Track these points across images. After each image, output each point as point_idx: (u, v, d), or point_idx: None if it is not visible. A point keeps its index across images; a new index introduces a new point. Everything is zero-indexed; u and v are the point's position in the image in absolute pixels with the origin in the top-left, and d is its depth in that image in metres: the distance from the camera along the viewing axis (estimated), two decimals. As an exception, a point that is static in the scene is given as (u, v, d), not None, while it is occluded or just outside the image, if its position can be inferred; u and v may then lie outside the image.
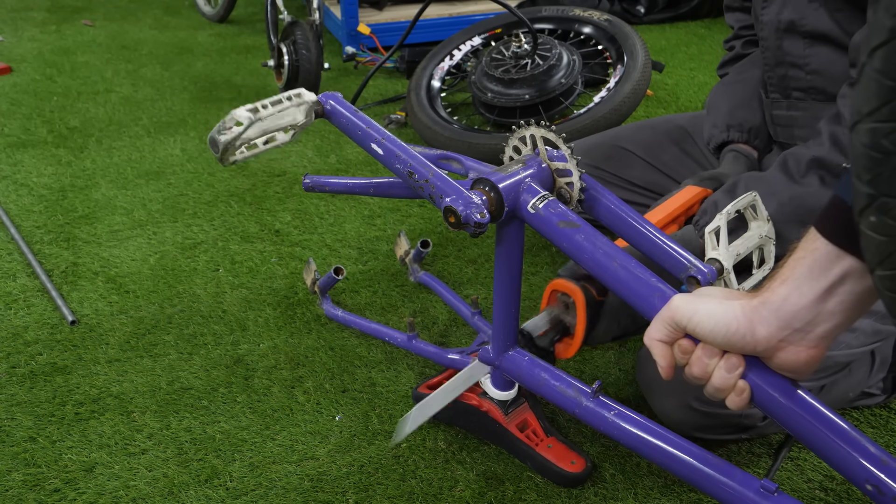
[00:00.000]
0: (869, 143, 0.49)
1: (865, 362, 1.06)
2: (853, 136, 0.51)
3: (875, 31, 0.48)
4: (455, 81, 2.21)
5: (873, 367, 1.07)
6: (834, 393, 1.03)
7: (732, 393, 0.66)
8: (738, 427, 1.00)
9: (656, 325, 0.68)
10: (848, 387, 1.05)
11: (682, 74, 2.43)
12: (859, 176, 0.51)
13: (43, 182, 1.80)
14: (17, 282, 1.43)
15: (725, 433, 1.01)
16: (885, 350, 1.09)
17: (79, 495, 1.00)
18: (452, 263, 1.49)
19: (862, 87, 0.50)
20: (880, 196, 0.50)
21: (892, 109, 0.47)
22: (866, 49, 0.49)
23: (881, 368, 1.08)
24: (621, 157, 1.28)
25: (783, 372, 0.64)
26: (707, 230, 0.78)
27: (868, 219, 0.51)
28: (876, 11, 0.48)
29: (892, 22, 0.46)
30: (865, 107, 0.49)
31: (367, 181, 1.08)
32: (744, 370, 0.65)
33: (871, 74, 0.48)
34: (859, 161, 0.51)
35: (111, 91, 2.36)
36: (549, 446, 1.01)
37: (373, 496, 0.99)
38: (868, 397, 1.11)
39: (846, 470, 0.64)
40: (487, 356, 1.01)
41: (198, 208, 1.69)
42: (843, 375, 1.02)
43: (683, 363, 0.68)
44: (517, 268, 0.92)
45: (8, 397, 1.16)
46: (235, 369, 1.21)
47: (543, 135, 0.85)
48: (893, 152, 0.48)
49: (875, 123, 0.49)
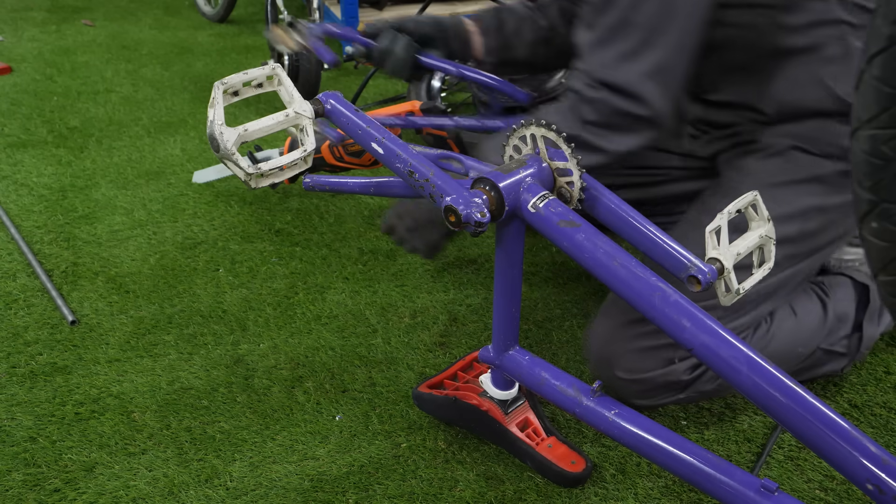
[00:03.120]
0: (869, 150, 0.49)
1: (812, 312, 1.10)
2: (853, 143, 0.51)
3: (873, 39, 0.48)
4: (455, 81, 2.21)
5: (826, 320, 1.09)
6: (778, 344, 1.06)
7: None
8: (672, 387, 1.03)
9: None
10: (795, 340, 1.08)
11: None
12: (860, 182, 0.51)
13: (43, 182, 1.80)
14: (17, 282, 1.43)
15: (664, 396, 1.05)
16: (841, 304, 1.12)
17: (79, 495, 1.00)
18: (452, 263, 1.49)
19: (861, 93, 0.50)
20: (882, 202, 0.50)
21: (891, 116, 0.47)
22: (865, 56, 0.49)
23: (839, 325, 1.11)
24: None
25: None
26: (707, 230, 0.78)
27: (870, 225, 0.51)
28: (874, 19, 0.48)
29: (891, 29, 0.46)
30: (865, 113, 0.49)
31: (367, 181, 1.08)
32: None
33: (870, 81, 0.48)
34: (860, 167, 0.51)
35: (111, 91, 2.36)
36: (549, 446, 1.01)
37: (373, 496, 0.99)
38: (833, 358, 1.12)
39: (846, 469, 0.64)
40: (488, 356, 1.01)
41: (198, 208, 1.69)
42: (780, 320, 1.06)
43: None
44: (517, 268, 0.92)
45: (8, 397, 1.16)
46: (235, 369, 1.21)
47: (544, 134, 0.85)
48: (894, 158, 0.48)
49: (875, 130, 0.49)
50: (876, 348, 1.23)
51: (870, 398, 1.13)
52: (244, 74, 0.84)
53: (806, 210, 1.02)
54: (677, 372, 1.02)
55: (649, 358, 1.02)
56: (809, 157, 1.04)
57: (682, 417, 1.11)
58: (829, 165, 1.03)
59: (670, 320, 0.73)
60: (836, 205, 1.03)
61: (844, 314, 1.12)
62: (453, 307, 1.35)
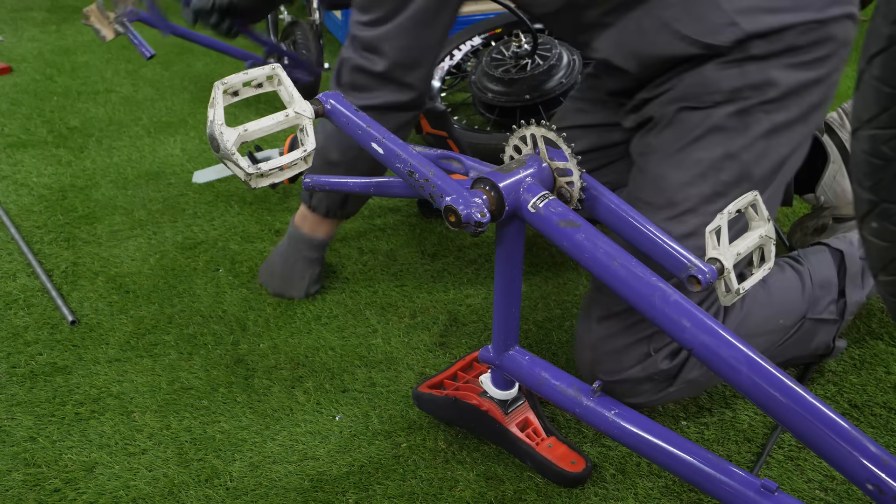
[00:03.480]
0: (869, 150, 0.49)
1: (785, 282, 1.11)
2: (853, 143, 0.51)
3: (873, 39, 0.48)
4: (455, 81, 2.21)
5: (804, 288, 1.11)
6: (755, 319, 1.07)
7: None
8: (657, 379, 1.04)
9: None
10: (773, 312, 1.09)
11: (682, 74, 2.43)
12: (860, 182, 0.51)
13: (43, 182, 1.80)
14: (17, 282, 1.43)
15: (653, 391, 1.05)
16: (819, 272, 1.13)
17: (79, 495, 1.00)
18: (452, 263, 1.49)
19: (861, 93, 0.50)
20: (881, 202, 0.50)
21: (891, 116, 0.47)
22: (865, 56, 0.49)
23: (823, 292, 1.12)
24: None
25: None
26: (707, 230, 0.78)
27: (870, 225, 0.51)
28: (874, 18, 0.48)
29: (891, 29, 0.46)
30: (865, 113, 0.49)
31: (367, 181, 1.08)
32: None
33: (870, 81, 0.48)
34: (860, 167, 0.50)
35: (111, 91, 2.36)
36: (549, 446, 1.01)
37: (373, 496, 0.99)
38: (824, 326, 1.13)
39: (846, 469, 0.64)
40: (488, 356, 1.01)
41: (198, 208, 1.69)
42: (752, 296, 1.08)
43: None
44: (517, 268, 0.92)
45: (8, 397, 1.16)
46: (235, 369, 1.21)
47: (544, 134, 0.85)
48: (894, 158, 0.48)
49: (875, 130, 0.49)
50: (876, 348, 1.23)
51: (870, 398, 1.13)
52: (244, 74, 0.84)
53: (714, 162, 1.02)
54: (656, 363, 1.02)
55: (625, 356, 1.03)
56: (698, 112, 1.04)
57: (682, 417, 1.11)
58: (720, 112, 1.03)
59: (670, 320, 0.73)
60: (743, 146, 1.03)
61: (826, 280, 1.13)
62: (453, 307, 1.35)
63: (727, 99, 1.01)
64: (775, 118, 1.01)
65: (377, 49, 1.14)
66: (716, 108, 1.02)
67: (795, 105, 1.02)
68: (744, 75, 1.00)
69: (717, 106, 1.02)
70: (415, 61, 1.16)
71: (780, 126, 1.02)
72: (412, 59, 1.16)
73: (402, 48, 1.14)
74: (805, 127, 1.04)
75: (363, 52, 1.16)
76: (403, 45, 1.14)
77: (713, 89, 1.02)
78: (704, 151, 1.03)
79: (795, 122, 1.03)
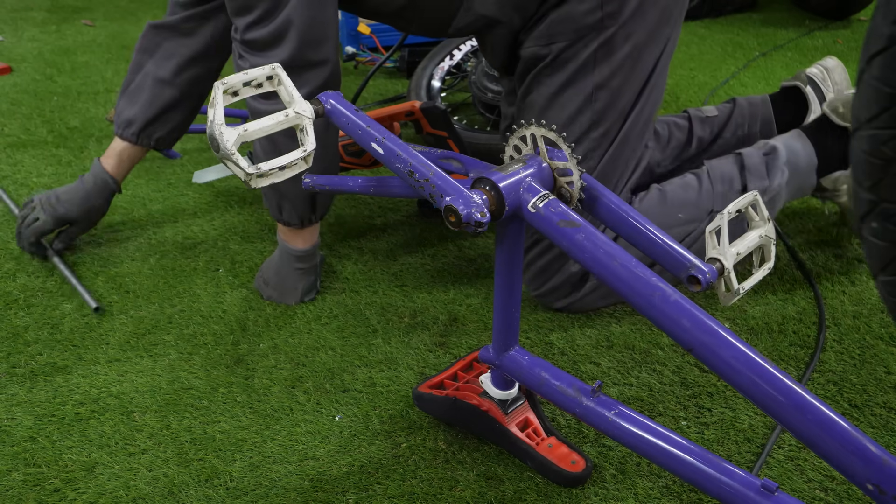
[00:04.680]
0: (869, 150, 0.49)
1: (677, 183, 1.26)
2: (853, 143, 0.51)
3: (873, 39, 0.48)
4: (455, 81, 2.21)
5: (702, 183, 1.25)
6: (651, 214, 1.22)
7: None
8: (574, 282, 1.26)
9: None
10: (668, 209, 1.24)
11: (682, 74, 2.43)
12: (860, 182, 0.51)
13: (43, 182, 1.80)
14: (16, 282, 1.43)
15: (566, 294, 1.27)
16: (717, 169, 1.28)
17: (79, 495, 1.00)
18: (452, 263, 1.49)
19: (861, 93, 0.50)
20: (882, 202, 0.50)
21: (891, 116, 0.47)
22: (865, 56, 0.49)
23: (727, 185, 1.25)
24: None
25: None
26: (708, 229, 0.78)
27: (870, 225, 0.51)
28: (874, 18, 0.48)
29: (891, 29, 0.46)
30: (865, 113, 0.49)
31: (367, 181, 1.08)
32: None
33: (870, 81, 0.48)
34: (860, 167, 0.50)
35: (111, 91, 2.36)
36: (549, 446, 1.01)
37: (373, 496, 0.99)
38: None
39: (846, 469, 0.64)
40: (488, 356, 1.01)
41: (198, 208, 1.69)
42: (645, 199, 1.25)
43: None
44: (517, 267, 0.92)
45: (8, 397, 1.16)
46: (235, 369, 1.21)
47: (544, 134, 0.85)
48: (894, 158, 0.48)
49: (875, 130, 0.49)
50: (876, 348, 1.22)
51: (870, 398, 1.13)
52: (244, 74, 0.84)
53: (587, 97, 1.16)
54: (569, 267, 1.25)
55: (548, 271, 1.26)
56: (570, 49, 1.16)
57: (682, 417, 1.11)
58: (583, 50, 1.16)
59: (670, 320, 0.73)
60: (610, 73, 1.17)
61: (727, 174, 1.25)
62: (453, 307, 1.35)
63: (581, 35, 1.14)
64: (637, 40, 1.16)
65: (277, 40, 1.12)
66: (578, 46, 1.16)
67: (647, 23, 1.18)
68: (602, 4, 1.14)
69: (577, 44, 1.15)
70: (323, 35, 1.14)
71: (641, 45, 1.17)
72: (320, 34, 1.14)
73: (308, 26, 1.11)
74: (668, 28, 1.24)
75: (258, 56, 1.14)
76: (308, 23, 1.11)
77: (567, 28, 1.15)
78: (575, 88, 1.17)
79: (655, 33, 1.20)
